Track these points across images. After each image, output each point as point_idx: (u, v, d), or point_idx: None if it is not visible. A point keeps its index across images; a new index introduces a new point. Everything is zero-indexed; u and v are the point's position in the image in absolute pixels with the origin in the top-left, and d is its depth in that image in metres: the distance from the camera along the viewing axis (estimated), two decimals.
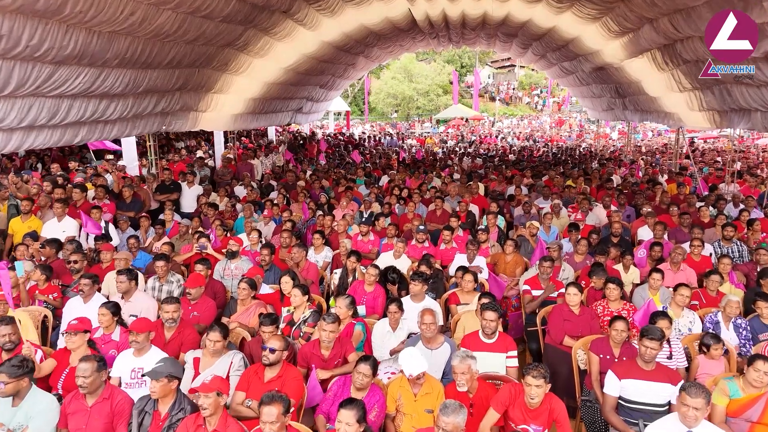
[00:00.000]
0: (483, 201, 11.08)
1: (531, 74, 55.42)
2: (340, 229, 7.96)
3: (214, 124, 13.67)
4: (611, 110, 18.26)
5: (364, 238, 7.81)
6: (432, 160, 16.98)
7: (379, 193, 11.28)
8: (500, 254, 7.06)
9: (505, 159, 17.51)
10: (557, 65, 18.43)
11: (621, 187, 11.82)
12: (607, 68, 14.28)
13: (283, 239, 7.06)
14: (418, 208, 10.22)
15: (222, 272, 6.52)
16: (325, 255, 7.23)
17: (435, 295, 6.01)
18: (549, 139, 27.38)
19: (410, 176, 14.27)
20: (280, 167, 14.67)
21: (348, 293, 5.73)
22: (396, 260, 6.96)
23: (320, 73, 16.76)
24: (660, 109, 13.68)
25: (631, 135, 19.47)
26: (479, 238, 7.48)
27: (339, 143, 22.75)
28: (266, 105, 15.64)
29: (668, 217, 8.93)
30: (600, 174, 13.65)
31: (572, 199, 10.58)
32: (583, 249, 6.91)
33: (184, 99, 11.05)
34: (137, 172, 11.47)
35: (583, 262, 6.90)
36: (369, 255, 7.70)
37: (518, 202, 10.47)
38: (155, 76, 9.18)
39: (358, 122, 42.42)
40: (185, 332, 4.58)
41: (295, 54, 13.47)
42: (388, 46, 18.89)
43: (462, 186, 12.33)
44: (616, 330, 4.30)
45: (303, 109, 19.51)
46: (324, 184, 13.06)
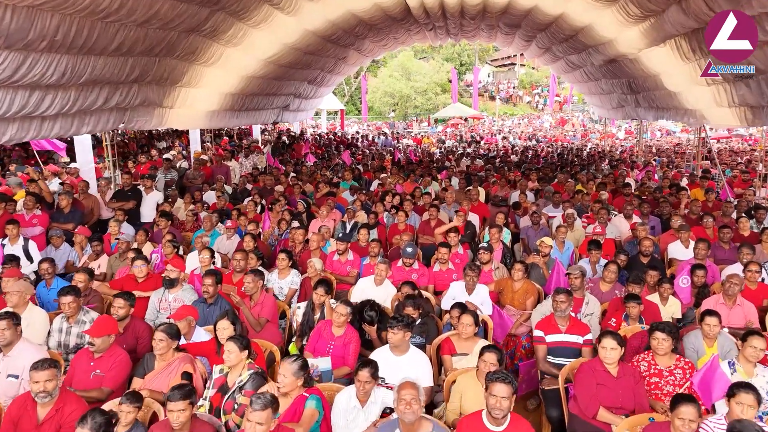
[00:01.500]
0: (484, 209, 9.75)
1: (531, 73, 54.21)
2: (313, 245, 6.62)
3: (186, 122, 12.34)
4: (621, 108, 16.93)
5: (341, 258, 6.47)
6: (428, 162, 15.64)
7: (366, 199, 9.95)
8: (507, 280, 5.73)
9: (507, 160, 16.19)
10: (563, 59, 17.10)
11: (639, 193, 10.50)
12: (620, 61, 12.95)
13: (236, 261, 5.71)
14: (410, 218, 8.89)
15: (157, 306, 5.19)
16: (291, 281, 5.90)
17: (424, 339, 4.68)
18: (553, 138, 26.05)
19: (404, 179, 12.97)
20: (260, 170, 13.33)
21: (309, 340, 4.40)
22: (377, 287, 5.63)
23: (306, 66, 15.42)
24: (679, 106, 12.35)
25: (642, 134, 18.14)
26: (480, 258, 6.14)
27: (330, 143, 21.41)
28: (247, 101, 14.29)
29: (701, 229, 7.60)
30: (613, 178, 12.33)
31: (586, 208, 9.26)
32: (612, 276, 5.56)
33: (145, 93, 9.70)
34: (94, 176, 10.12)
35: (611, 291, 5.56)
36: (347, 279, 6.36)
37: (524, 211, 9.14)
38: (101, 64, 7.83)
39: (355, 122, 41.06)
40: (66, 410, 3.23)
41: (274, 44, 12.12)
42: (381, 39, 17.55)
43: (460, 191, 11.00)
44: (682, 419, 2.94)
45: (290, 106, 18.17)
46: (307, 188, 11.75)
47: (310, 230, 8.54)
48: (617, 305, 5.17)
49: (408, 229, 8.28)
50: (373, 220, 8.33)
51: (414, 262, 6.20)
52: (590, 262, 6.26)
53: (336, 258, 6.47)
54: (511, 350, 5.38)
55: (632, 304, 4.89)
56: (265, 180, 11.46)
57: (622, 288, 5.59)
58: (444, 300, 5.48)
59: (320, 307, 4.93)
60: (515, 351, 5.34)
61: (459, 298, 5.27)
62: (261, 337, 4.72)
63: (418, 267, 6.22)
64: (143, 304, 5.26)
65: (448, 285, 6.08)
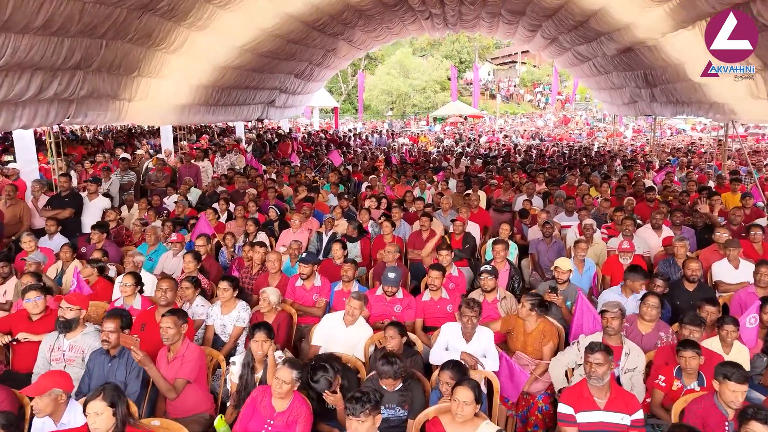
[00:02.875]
0: (485, 217, 8.42)
1: (533, 71, 53.03)
2: (271, 267, 5.28)
3: (151, 117, 11.01)
4: (634, 103, 15.57)
5: (306, 283, 5.14)
6: (424, 162, 14.30)
7: (349, 205, 8.62)
8: (516, 318, 4.39)
9: (511, 160, 14.85)
10: (570, 51, 15.76)
11: (661, 198, 9.18)
12: (636, 49, 11.62)
13: (158, 294, 4.35)
14: (399, 228, 7.57)
15: (48, 356, 3.86)
16: (236, 316, 4.55)
17: (406, 412, 3.35)
18: (558, 137, 24.70)
19: (396, 182, 11.65)
20: (236, 171, 11.99)
21: (240, 416, 3.10)
22: (348, 328, 4.30)
23: (291, 57, 14.08)
24: (703, 99, 11.00)
25: (655, 132, 16.81)
26: (483, 285, 4.81)
27: (320, 141, 20.08)
28: (224, 95, 12.96)
29: (747, 244, 6.27)
30: (628, 179, 10.99)
31: (603, 216, 7.93)
32: (653, 312, 4.20)
33: (94, 82, 8.37)
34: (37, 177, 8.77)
35: (654, 334, 4.22)
36: (312, 311, 5.03)
37: (533, 220, 7.81)
38: (26, 45, 6.49)
39: (351, 120, 39.73)
40: None
41: (250, 29, 10.79)
42: (374, 29, 16.22)
43: (458, 196, 9.67)
44: None
45: (276, 102, 16.83)
46: (285, 191, 10.43)
47: (279, 243, 7.25)
48: (666, 356, 3.84)
49: (395, 241, 6.96)
50: (355, 232, 7.00)
51: (398, 290, 4.86)
52: (623, 292, 4.90)
53: (299, 284, 5.13)
54: (524, 412, 4.06)
55: (690, 353, 3.57)
56: (238, 182, 10.14)
57: (667, 329, 4.26)
58: (433, 351, 4.14)
59: (262, 364, 3.60)
60: (529, 414, 4.02)
61: (454, 347, 3.95)
62: (179, 406, 3.40)
63: (402, 296, 4.88)
64: (31, 352, 3.94)
65: (441, 319, 4.77)
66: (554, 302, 4.77)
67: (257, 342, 3.56)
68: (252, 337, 3.61)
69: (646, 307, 4.22)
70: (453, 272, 5.49)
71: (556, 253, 6.66)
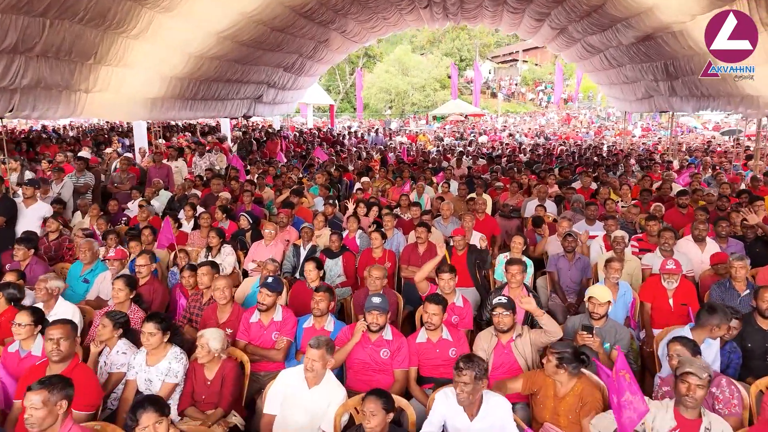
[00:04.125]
0: (492, 224, 7.28)
1: (534, 69, 51.96)
2: (221, 298, 4.10)
3: (116, 112, 9.86)
4: (649, 99, 14.45)
5: (264, 317, 3.98)
6: (422, 161, 13.14)
7: (333, 213, 7.47)
8: (542, 376, 3.22)
9: (516, 160, 13.70)
10: (580, 42, 14.62)
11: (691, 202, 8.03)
12: (658, 36, 10.47)
13: (48, 347, 3.14)
14: (391, 239, 6.42)
15: None
16: (166, 368, 3.38)
17: None
18: (564, 136, 23.51)
19: (392, 184, 10.51)
20: (215, 172, 10.84)
21: None
22: (311, 390, 3.14)
23: (277, 47, 12.93)
24: (734, 92, 9.86)
25: (672, 129, 15.63)
26: (497, 324, 3.65)
27: (313, 140, 18.92)
28: (202, 88, 11.82)
29: None
30: (650, 181, 9.84)
31: (631, 224, 6.77)
32: None
33: (39, 70, 7.23)
34: None
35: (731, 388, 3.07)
36: (270, 355, 3.87)
37: (550, 229, 6.64)
38: None
39: (349, 119, 38.58)
40: None
41: (227, 13, 9.64)
42: (368, 19, 15.07)
43: (460, 200, 8.53)
44: None
45: (264, 97, 15.68)
46: (266, 195, 9.29)
47: (247, 259, 6.11)
48: None
49: (387, 257, 5.81)
50: (337, 246, 5.84)
51: (384, 327, 3.70)
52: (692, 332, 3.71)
53: (255, 319, 3.97)
54: None
55: None
56: (214, 184, 8.99)
57: (736, 392, 3.11)
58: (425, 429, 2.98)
59: None
60: None
61: (454, 428, 2.79)
62: None
63: (391, 336, 3.72)
64: None
65: (443, 367, 3.63)
66: (589, 345, 3.61)
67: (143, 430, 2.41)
68: (136, 423, 2.46)
69: None
70: (457, 301, 4.33)
71: (580, 272, 5.52)
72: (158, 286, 4.76)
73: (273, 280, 3.96)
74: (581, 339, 3.64)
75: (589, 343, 3.60)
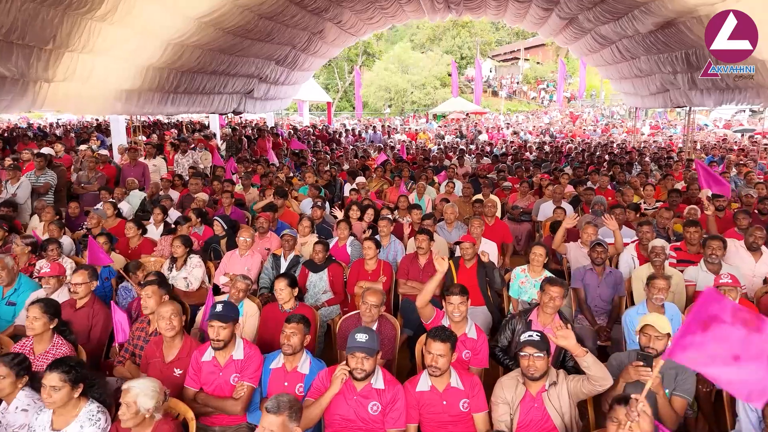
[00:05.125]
0: (503, 230, 6.39)
1: (536, 67, 51.13)
2: (167, 329, 3.19)
3: (87, 105, 8.95)
4: (664, 93, 13.56)
5: (221, 356, 3.07)
6: (423, 160, 12.22)
7: (322, 218, 6.57)
8: None
9: (523, 158, 12.80)
10: (591, 33, 13.73)
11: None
12: (680, 23, 9.58)
13: None
14: (387, 248, 5.53)
15: None
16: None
17: None
18: (570, 134, 22.56)
19: (390, 183, 9.64)
20: (197, 170, 9.93)
21: None
22: None
23: (267, 37, 12.02)
24: (765, 83, 8.96)
25: (690, 125, 14.73)
26: (526, 370, 2.75)
27: (308, 137, 17.99)
28: (185, 80, 10.92)
29: None
30: (673, 181, 8.96)
31: (663, 230, 5.87)
32: None
33: None
34: None
35: None
36: (227, 406, 2.97)
37: (571, 235, 5.74)
38: None
39: (347, 117, 37.66)
40: None
41: None
42: (365, 9, 14.17)
43: (465, 202, 7.65)
44: None
45: (255, 93, 14.77)
46: (249, 197, 8.41)
47: (218, 273, 5.22)
48: None
49: (382, 270, 4.91)
50: (321, 257, 4.94)
51: (373, 371, 2.81)
52: None
53: (208, 357, 3.06)
54: None
55: None
56: (193, 184, 8.11)
57: None
58: None
59: None
60: None
61: None
62: None
63: (383, 386, 2.82)
64: None
65: (451, 426, 2.75)
66: (643, 380, 2.71)
67: None
68: None
69: None
70: (469, 332, 3.43)
71: (612, 288, 4.63)
72: (99, 308, 3.86)
73: (224, 308, 3.05)
74: (635, 373, 2.75)
75: (645, 378, 2.69)
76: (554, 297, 3.46)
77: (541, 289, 3.64)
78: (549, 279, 3.70)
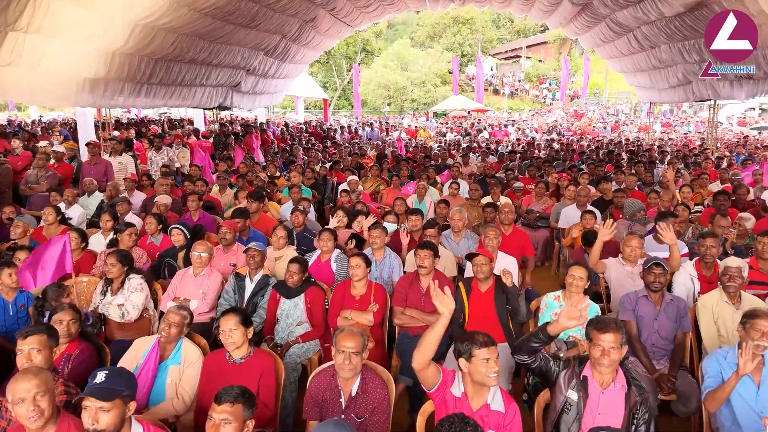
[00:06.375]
0: (523, 241, 5.28)
1: (538, 65, 50.08)
2: (33, 416, 2.07)
3: (38, 94, 7.83)
4: (686, 86, 12.48)
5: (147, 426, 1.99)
6: (424, 158, 11.11)
7: (303, 226, 5.45)
8: None
9: (533, 156, 11.69)
10: (605, 20, 12.63)
11: None
12: (716, 2, 8.48)
13: None
14: (380, 264, 4.43)
15: None
16: None
17: None
18: (579, 131, 21.45)
19: (388, 184, 8.56)
20: (171, 169, 8.82)
21: None
22: None
23: (252, 22, 10.90)
24: None
25: (714, 122, 13.61)
26: None
27: (300, 134, 16.89)
28: (160, 70, 9.80)
29: None
30: (707, 181, 7.89)
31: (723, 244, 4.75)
32: None
33: None
34: None
35: None
36: None
37: (612, 248, 4.61)
38: None
39: (345, 116, 36.57)
40: None
41: None
42: None
43: (472, 205, 6.55)
44: None
45: (242, 86, 13.67)
46: (226, 199, 7.32)
47: (165, 297, 4.13)
48: None
49: (373, 295, 3.81)
50: (297, 279, 3.84)
51: None
52: None
53: None
54: None
55: None
56: (159, 185, 7.02)
57: None
58: None
59: None
60: None
61: None
62: None
63: None
64: None
65: None
66: None
67: None
68: None
69: None
70: (493, 403, 2.32)
71: (675, 322, 3.52)
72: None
73: (106, 379, 1.94)
74: None
75: None
76: (608, 351, 2.36)
77: (588, 338, 2.53)
78: (599, 325, 2.54)
